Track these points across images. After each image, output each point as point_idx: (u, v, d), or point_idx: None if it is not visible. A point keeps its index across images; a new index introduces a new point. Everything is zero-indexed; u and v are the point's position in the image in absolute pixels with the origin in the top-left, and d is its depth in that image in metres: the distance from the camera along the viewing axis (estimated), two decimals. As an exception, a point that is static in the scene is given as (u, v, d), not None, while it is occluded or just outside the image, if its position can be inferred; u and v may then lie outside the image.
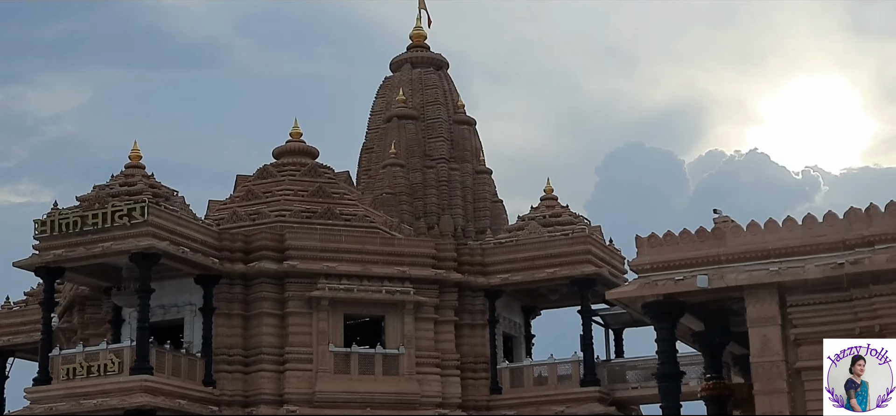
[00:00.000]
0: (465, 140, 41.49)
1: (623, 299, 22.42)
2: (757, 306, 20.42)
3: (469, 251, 34.66)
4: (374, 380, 32.20)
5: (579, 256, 33.68)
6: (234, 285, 32.00)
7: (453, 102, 42.27)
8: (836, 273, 19.82)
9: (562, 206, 36.77)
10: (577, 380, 33.11)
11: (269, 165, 36.36)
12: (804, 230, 20.62)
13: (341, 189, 35.92)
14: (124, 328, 31.89)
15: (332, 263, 32.39)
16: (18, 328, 38.52)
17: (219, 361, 31.34)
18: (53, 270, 30.74)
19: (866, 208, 20.26)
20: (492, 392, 33.65)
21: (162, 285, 30.87)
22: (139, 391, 28.78)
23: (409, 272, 32.86)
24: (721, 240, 21.21)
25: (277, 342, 32.03)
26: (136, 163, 33.30)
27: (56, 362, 30.04)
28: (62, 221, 30.23)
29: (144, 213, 29.52)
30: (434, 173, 40.37)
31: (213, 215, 34.79)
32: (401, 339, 32.61)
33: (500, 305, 34.62)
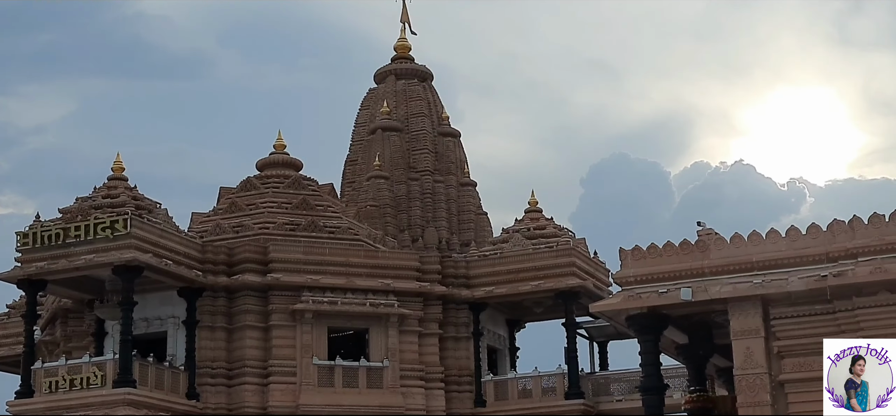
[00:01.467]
0: (450, 152, 41.49)
1: (607, 312, 22.40)
2: (740, 318, 20.44)
3: (453, 264, 34.64)
4: (357, 393, 32.13)
5: (563, 268, 33.70)
6: (217, 298, 31.90)
7: (438, 114, 42.27)
8: (820, 286, 19.85)
9: (546, 218, 36.80)
10: (562, 393, 33.11)
11: (252, 177, 36.29)
12: (788, 243, 20.66)
13: (325, 201, 35.86)
14: (107, 341, 31.76)
15: (316, 275, 32.32)
16: (0, 341, 38.30)
17: (202, 374, 31.22)
18: (36, 282, 30.60)
19: (850, 220, 20.33)
20: (476, 405, 33.63)
21: (145, 297, 30.74)
22: (122, 404, 28.65)
23: (393, 285, 32.82)
24: (705, 253, 21.23)
25: (261, 355, 31.93)
26: (119, 175, 33.21)
27: (38, 375, 29.88)
28: (44, 233, 30.09)
29: (127, 225, 29.40)
30: (418, 186, 40.35)
31: (197, 228, 34.69)
32: (385, 352, 32.55)
33: (485, 317, 34.59)
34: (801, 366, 20.23)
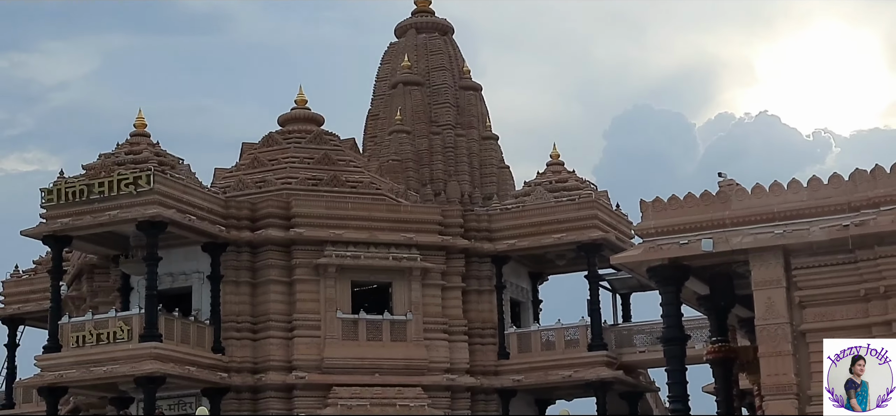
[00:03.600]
0: (472, 106, 41.45)
1: (628, 264, 22.44)
2: (762, 269, 20.43)
3: (475, 218, 34.68)
4: (381, 346, 32.32)
5: (586, 221, 33.69)
6: (241, 253, 32.09)
7: (459, 68, 42.19)
8: (841, 235, 19.82)
9: (568, 171, 36.75)
10: (585, 344, 33.20)
11: (274, 132, 36.35)
12: (809, 193, 20.60)
13: (347, 156, 35.93)
14: (133, 296, 32.02)
15: (339, 230, 32.44)
16: (28, 297, 38.73)
17: (227, 328, 31.47)
18: (61, 238, 30.85)
19: (872, 169, 20.25)
20: (500, 357, 33.76)
21: (169, 253, 30.96)
22: (149, 358, 28.93)
23: (415, 239, 32.92)
24: (726, 203, 21.20)
25: (285, 309, 32.12)
26: (142, 131, 33.35)
27: (65, 329, 30.19)
28: (68, 189, 30.29)
29: (150, 181, 29.57)
30: (440, 140, 40.36)
31: (219, 183, 34.85)
32: (408, 305, 32.69)
33: (507, 271, 34.67)
34: (823, 316, 20.24)
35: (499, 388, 33.40)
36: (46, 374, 30.19)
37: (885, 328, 19.72)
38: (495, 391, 33.45)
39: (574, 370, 32.79)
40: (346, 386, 31.38)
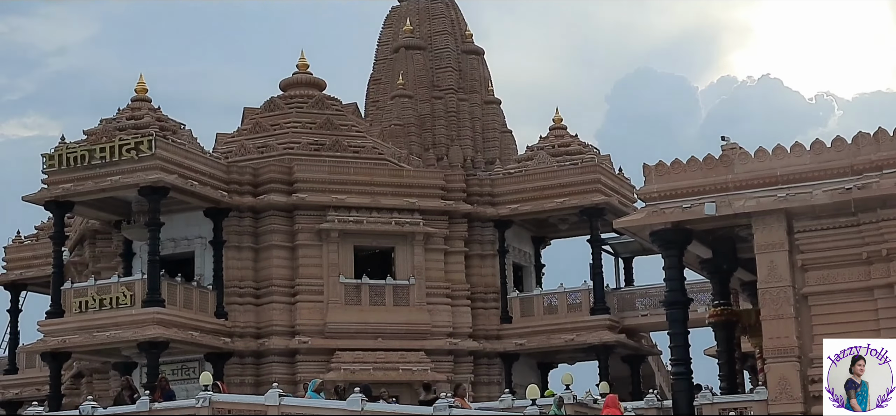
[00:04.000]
0: (474, 70, 41.32)
1: (631, 228, 22.45)
2: (764, 232, 20.46)
3: (478, 182, 34.63)
4: (384, 311, 32.34)
5: (588, 185, 33.64)
6: (243, 218, 32.06)
7: (461, 32, 42.03)
8: (844, 198, 19.82)
9: (571, 135, 36.66)
10: (587, 308, 33.21)
11: (276, 97, 36.24)
12: (812, 156, 20.60)
13: (349, 121, 35.84)
14: (135, 262, 32.01)
15: (341, 195, 32.40)
16: (30, 262, 38.75)
17: (230, 293, 31.48)
18: (62, 204, 30.83)
19: (875, 132, 20.21)
20: (502, 322, 33.79)
21: (171, 218, 30.94)
22: (152, 323, 28.95)
23: (418, 204, 32.88)
24: (729, 167, 21.20)
25: (288, 274, 32.13)
26: (143, 96, 33.25)
27: (68, 295, 30.21)
28: (70, 155, 30.23)
29: (152, 146, 29.51)
30: (442, 104, 40.26)
31: (221, 149, 34.79)
32: (411, 270, 32.69)
33: (510, 235, 34.65)
34: (825, 279, 20.27)
35: (501, 352, 33.45)
36: (49, 339, 30.24)
37: (888, 291, 19.77)
38: (498, 355, 33.50)
39: (576, 334, 32.83)
40: (348, 351, 31.43)
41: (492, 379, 33.31)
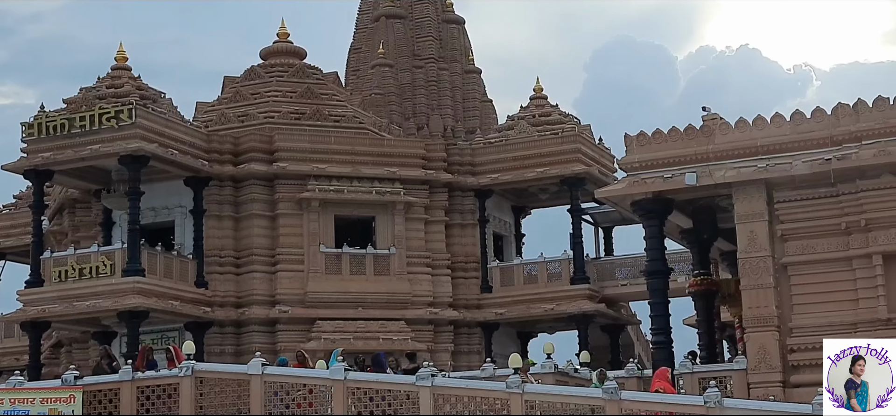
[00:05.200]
0: (454, 39, 41.25)
1: (612, 198, 22.59)
2: (744, 202, 20.62)
3: (458, 151, 34.65)
4: (365, 280, 32.37)
5: (569, 155, 33.72)
6: (223, 187, 31.99)
7: (442, 1, 41.93)
8: (824, 169, 19.99)
9: (551, 105, 36.70)
10: (567, 278, 33.33)
11: (256, 66, 36.11)
12: (792, 127, 20.74)
13: (330, 90, 35.76)
14: (115, 231, 31.91)
15: (322, 164, 32.36)
16: (9, 231, 38.57)
17: (210, 262, 31.43)
18: (42, 172, 30.67)
19: (854, 103, 20.35)
20: (482, 291, 33.88)
21: (151, 187, 30.83)
22: (132, 292, 28.90)
23: (398, 173, 32.88)
24: (709, 137, 21.32)
25: (268, 244, 32.11)
26: (123, 64, 33.05)
27: (48, 264, 30.10)
28: (49, 123, 30.06)
29: (132, 115, 29.37)
30: (423, 73, 40.20)
31: (202, 118, 34.66)
32: (391, 239, 32.72)
33: (490, 204, 34.71)
34: (805, 249, 20.45)
35: (481, 321, 33.57)
36: (29, 309, 30.15)
37: (866, 261, 19.96)
38: (478, 325, 33.62)
39: (556, 304, 32.96)
40: (329, 320, 31.49)
41: (472, 348, 33.44)
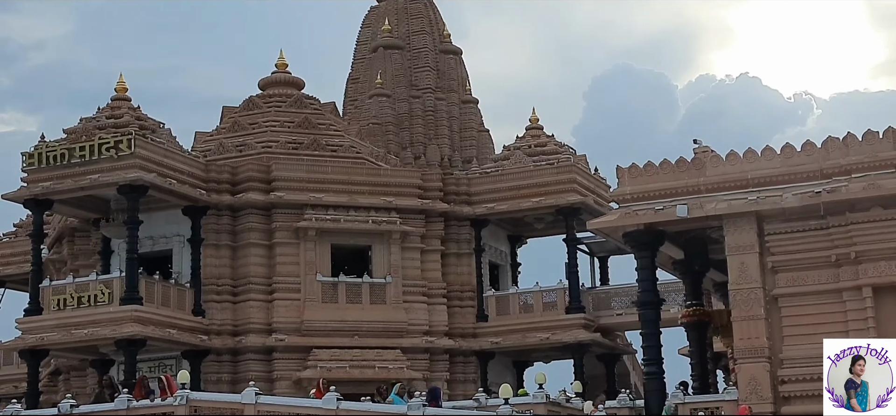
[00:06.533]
0: (452, 70, 41.54)
1: (604, 229, 22.80)
2: (735, 234, 20.83)
3: (455, 181, 34.88)
4: (361, 309, 32.53)
5: (564, 185, 33.94)
6: (221, 216, 32.20)
7: (439, 32, 42.25)
8: (813, 202, 20.21)
9: (547, 135, 36.97)
10: (563, 307, 33.49)
11: (254, 96, 36.38)
12: (782, 160, 20.98)
13: (327, 120, 36.02)
14: (113, 259, 32.12)
15: (319, 193, 32.58)
16: (8, 259, 38.74)
17: (208, 291, 31.62)
18: (42, 202, 30.92)
19: (844, 137, 20.60)
20: (478, 320, 34.04)
21: (150, 216, 31.07)
22: (129, 321, 29.07)
23: (395, 202, 33.10)
24: (701, 170, 21.56)
25: (265, 272, 32.29)
26: (123, 95, 33.32)
27: (46, 292, 30.29)
28: (49, 153, 30.33)
29: (131, 145, 29.63)
30: (420, 104, 40.47)
31: (200, 147, 34.91)
32: (388, 268, 32.90)
33: (486, 234, 34.92)
34: (795, 280, 20.65)
35: (477, 350, 33.72)
36: (27, 336, 30.32)
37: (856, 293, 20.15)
38: (474, 353, 33.76)
39: (552, 333, 33.12)
40: (325, 348, 31.63)
41: (468, 377, 33.57)
